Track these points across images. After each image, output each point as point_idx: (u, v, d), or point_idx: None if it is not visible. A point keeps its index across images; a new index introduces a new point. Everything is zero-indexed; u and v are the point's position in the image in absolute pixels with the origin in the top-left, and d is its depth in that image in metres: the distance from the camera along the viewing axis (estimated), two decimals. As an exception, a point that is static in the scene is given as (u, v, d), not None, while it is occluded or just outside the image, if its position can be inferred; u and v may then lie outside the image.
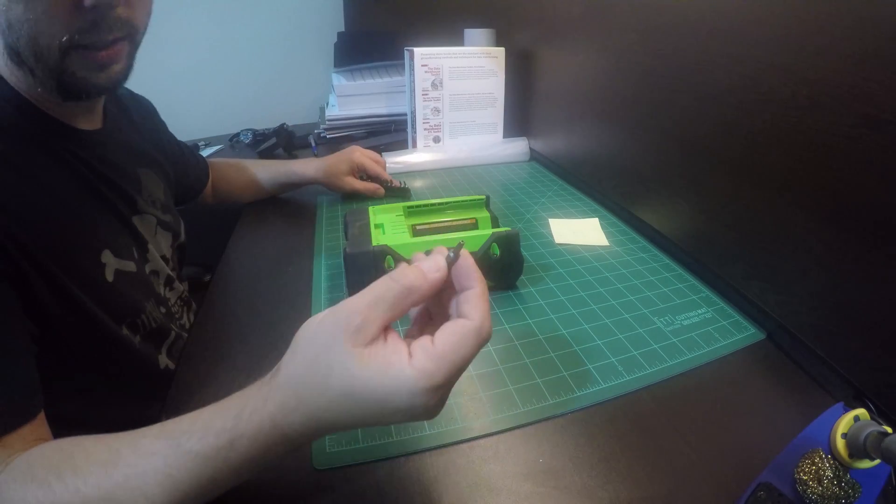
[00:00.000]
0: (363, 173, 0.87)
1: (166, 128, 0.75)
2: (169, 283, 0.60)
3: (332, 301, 0.57)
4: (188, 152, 0.80)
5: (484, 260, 0.55)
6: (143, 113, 0.68)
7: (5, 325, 0.37)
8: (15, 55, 0.40)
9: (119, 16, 0.42)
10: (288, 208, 0.88)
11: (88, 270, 0.46)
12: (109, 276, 0.47)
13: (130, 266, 0.51)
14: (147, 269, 0.55)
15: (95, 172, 0.50)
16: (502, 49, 1.02)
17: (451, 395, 0.42)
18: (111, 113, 0.57)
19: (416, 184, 0.95)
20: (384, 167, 0.88)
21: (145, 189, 0.59)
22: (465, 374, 0.45)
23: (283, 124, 1.24)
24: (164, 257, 0.59)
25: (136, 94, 0.68)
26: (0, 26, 0.39)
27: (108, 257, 0.48)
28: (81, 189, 0.48)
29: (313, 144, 1.23)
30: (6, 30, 0.39)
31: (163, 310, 0.56)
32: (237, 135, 1.41)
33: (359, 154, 0.86)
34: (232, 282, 0.64)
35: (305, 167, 0.86)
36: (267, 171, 0.87)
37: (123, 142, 0.57)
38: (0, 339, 0.36)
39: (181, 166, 0.75)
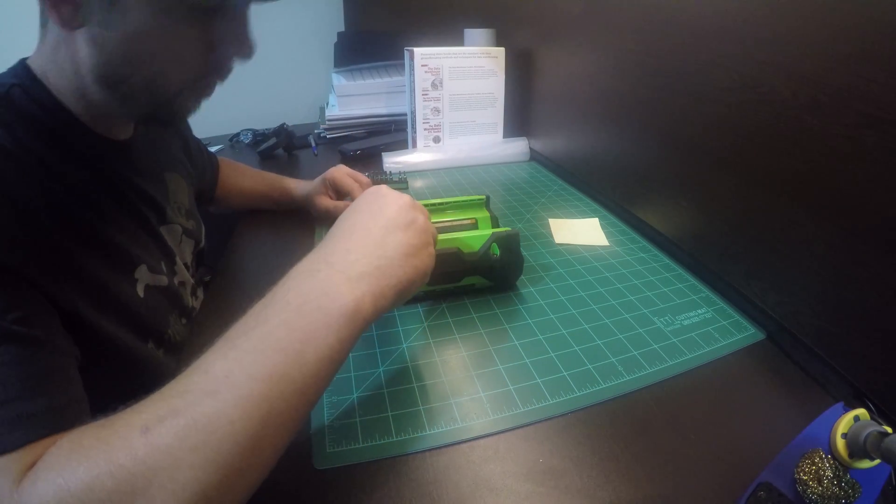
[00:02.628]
0: (336, 190, 0.76)
1: (189, 126, 0.72)
2: (193, 292, 0.59)
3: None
4: (204, 149, 0.77)
5: (484, 260, 0.55)
6: None
7: (56, 333, 0.35)
8: (109, 81, 0.40)
9: (239, 60, 0.44)
10: (287, 208, 0.87)
11: (121, 286, 0.44)
12: (141, 292, 0.46)
13: (163, 280, 0.50)
14: (176, 282, 0.54)
15: (129, 184, 0.49)
16: (502, 49, 1.02)
17: (450, 395, 0.43)
18: None
19: (417, 184, 0.95)
20: (364, 186, 0.75)
21: (172, 196, 0.58)
22: (465, 374, 0.46)
23: (283, 124, 1.24)
24: (186, 265, 0.58)
25: None
26: (105, 54, 0.38)
27: (141, 272, 0.47)
28: (117, 203, 0.47)
29: (313, 144, 1.23)
30: (118, 61, 0.39)
31: (184, 321, 0.54)
32: (237, 135, 1.41)
33: (336, 171, 0.76)
34: (232, 282, 0.64)
35: (296, 188, 0.80)
36: (265, 183, 0.83)
37: (152, 146, 0.56)
38: (55, 343, 0.35)
39: (200, 166, 0.72)
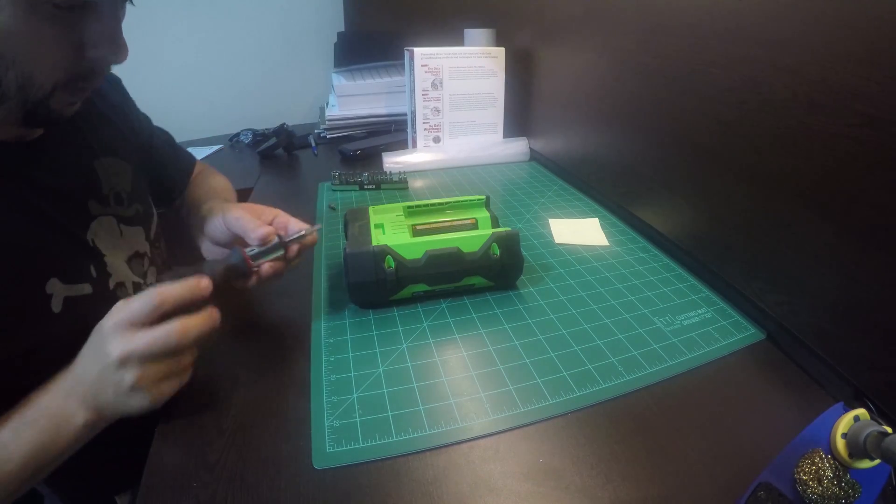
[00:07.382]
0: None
1: (135, 106, 0.67)
2: (146, 280, 0.55)
3: (332, 301, 0.57)
4: (167, 144, 0.71)
5: (484, 260, 0.55)
6: (105, 88, 0.60)
7: None
8: None
9: (111, 65, 0.42)
10: (288, 208, 0.87)
11: (32, 305, 0.42)
12: (57, 307, 0.44)
13: (85, 289, 0.47)
14: (111, 285, 0.50)
15: (37, 187, 0.45)
16: (502, 49, 1.02)
17: (450, 395, 0.43)
18: None
19: (417, 184, 0.95)
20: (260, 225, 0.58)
21: (104, 183, 0.53)
22: (465, 374, 0.46)
23: (283, 124, 1.25)
24: (138, 254, 0.55)
25: None
26: None
27: (55, 286, 0.44)
28: (21, 214, 0.43)
29: (313, 144, 1.23)
30: None
31: None
32: (237, 135, 1.41)
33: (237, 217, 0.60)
34: (232, 282, 0.64)
35: (214, 207, 0.62)
36: (208, 194, 0.69)
37: (73, 136, 0.51)
38: None
39: (157, 157, 0.67)
